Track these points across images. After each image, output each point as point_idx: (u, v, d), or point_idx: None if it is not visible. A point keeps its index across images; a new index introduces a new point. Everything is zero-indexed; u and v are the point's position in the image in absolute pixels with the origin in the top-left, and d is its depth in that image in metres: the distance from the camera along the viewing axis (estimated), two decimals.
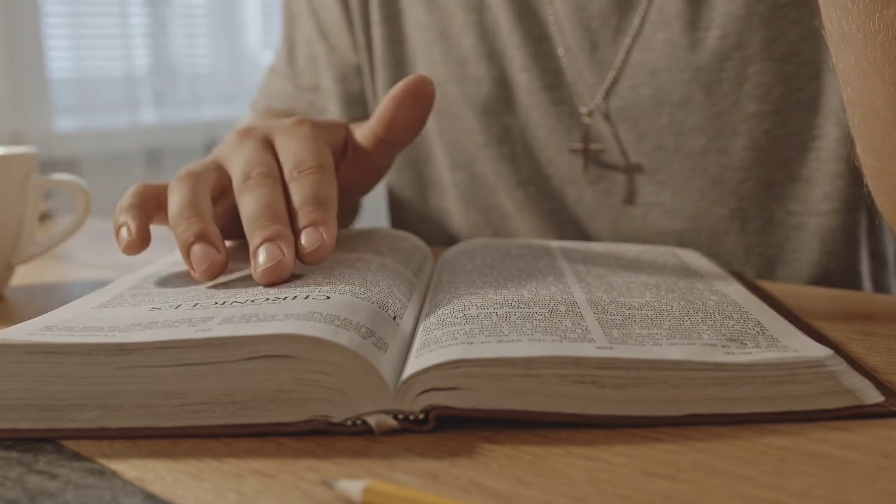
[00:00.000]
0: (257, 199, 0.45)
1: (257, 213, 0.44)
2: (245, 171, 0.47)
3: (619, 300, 0.41)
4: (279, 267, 0.42)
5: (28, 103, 1.80)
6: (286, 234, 0.43)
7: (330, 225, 0.44)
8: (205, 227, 0.44)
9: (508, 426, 0.33)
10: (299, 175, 0.46)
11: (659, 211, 0.64)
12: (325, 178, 0.47)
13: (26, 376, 0.34)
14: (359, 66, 0.77)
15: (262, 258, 0.42)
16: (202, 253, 0.43)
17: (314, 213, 0.44)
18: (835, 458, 0.30)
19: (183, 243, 0.44)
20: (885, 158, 0.41)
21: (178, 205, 0.46)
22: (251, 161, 0.47)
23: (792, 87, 0.59)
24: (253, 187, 0.46)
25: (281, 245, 0.43)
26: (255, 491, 0.29)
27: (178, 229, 0.45)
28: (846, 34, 0.40)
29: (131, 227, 0.46)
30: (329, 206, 0.45)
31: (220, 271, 0.44)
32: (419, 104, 0.51)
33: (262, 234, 0.43)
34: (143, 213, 0.47)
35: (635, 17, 0.63)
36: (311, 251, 0.43)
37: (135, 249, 0.46)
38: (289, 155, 0.48)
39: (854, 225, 0.60)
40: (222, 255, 0.44)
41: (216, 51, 2.19)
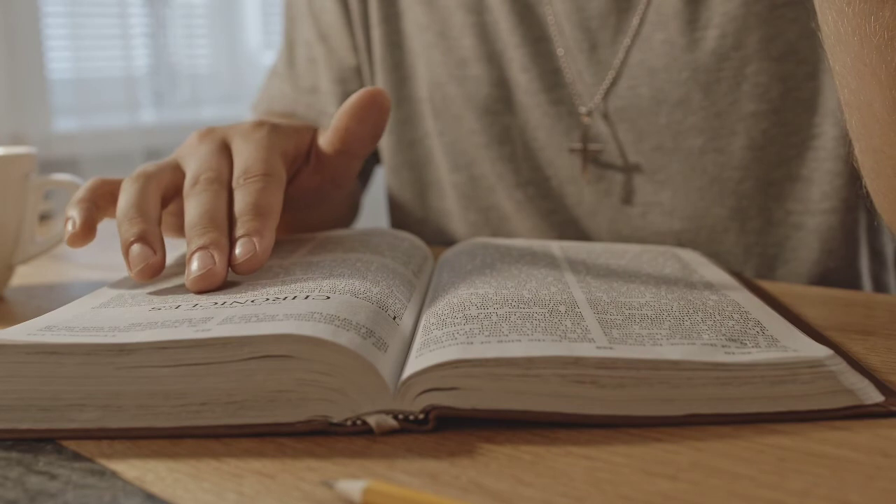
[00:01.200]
0: (199, 206, 0.46)
1: (197, 219, 0.45)
2: (195, 175, 0.48)
3: (619, 300, 0.41)
4: (209, 275, 0.42)
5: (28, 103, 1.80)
6: (221, 243, 0.44)
7: (265, 235, 0.45)
8: (145, 229, 0.45)
9: (508, 426, 0.33)
10: (244, 182, 0.47)
11: (658, 211, 0.64)
12: (269, 187, 0.47)
13: (26, 376, 0.34)
14: (358, 67, 0.76)
15: (194, 265, 0.43)
16: (139, 253, 0.44)
17: (251, 222, 0.45)
18: (835, 458, 0.30)
19: (123, 242, 0.45)
20: (883, 160, 0.41)
21: (124, 205, 0.47)
22: (202, 165, 0.48)
23: (790, 86, 0.59)
24: (198, 192, 0.46)
25: (214, 253, 0.43)
26: (255, 491, 0.29)
27: (121, 228, 0.46)
28: (842, 37, 0.40)
29: (76, 221, 0.47)
30: (268, 215, 0.46)
31: (155, 272, 0.44)
32: (371, 117, 0.52)
33: (198, 241, 0.44)
34: (92, 207, 0.48)
35: (634, 18, 0.63)
36: (242, 261, 0.44)
37: (77, 242, 0.47)
38: (239, 160, 0.49)
39: (853, 223, 0.60)
40: (158, 257, 0.45)
41: (216, 51, 2.19)
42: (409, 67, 0.73)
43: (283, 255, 0.50)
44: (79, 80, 1.93)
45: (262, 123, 0.51)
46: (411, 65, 0.73)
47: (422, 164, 0.75)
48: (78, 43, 1.94)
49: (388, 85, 0.74)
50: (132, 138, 1.95)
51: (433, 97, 0.72)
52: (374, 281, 0.43)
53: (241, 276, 0.45)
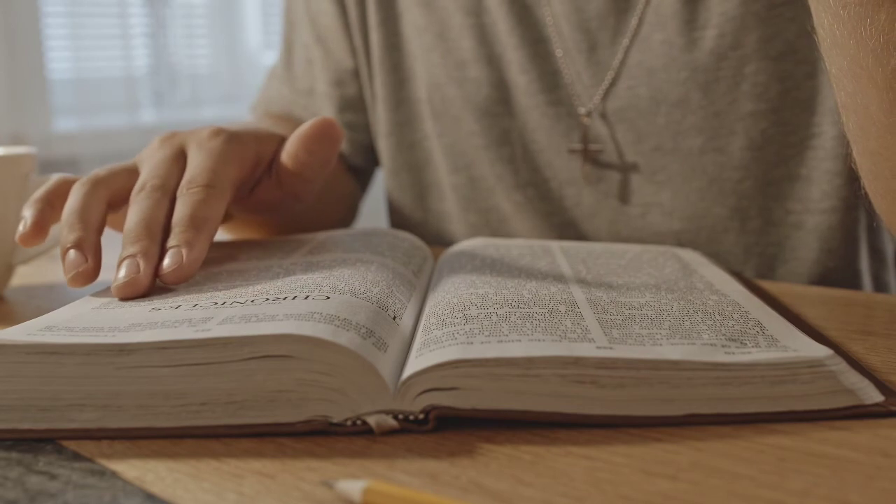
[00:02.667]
0: (138, 213, 0.46)
1: (132, 226, 0.46)
2: (143, 182, 0.48)
3: (619, 300, 0.41)
4: (132, 283, 0.43)
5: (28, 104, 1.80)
6: (150, 252, 0.44)
7: (195, 247, 0.45)
8: (81, 237, 0.46)
9: (508, 426, 0.33)
10: (186, 192, 0.47)
11: (657, 211, 0.64)
12: (210, 199, 0.47)
13: (26, 376, 0.34)
14: (356, 70, 0.76)
15: (120, 273, 0.44)
16: (71, 260, 0.45)
17: (183, 233, 0.45)
18: (835, 458, 0.30)
19: (62, 248, 0.46)
20: (881, 162, 0.41)
21: (67, 210, 0.47)
22: (152, 171, 0.49)
23: (789, 85, 0.59)
24: (141, 200, 0.47)
25: (140, 262, 0.44)
26: (255, 491, 0.29)
27: (61, 233, 0.46)
28: (838, 40, 0.40)
29: (27, 221, 0.48)
30: (202, 227, 0.46)
31: (87, 280, 0.45)
32: (320, 149, 0.52)
33: (128, 249, 0.45)
34: (46, 208, 0.48)
35: (633, 18, 0.63)
36: (167, 272, 0.44)
37: (27, 242, 0.48)
38: (189, 169, 0.49)
39: (853, 223, 0.60)
40: (90, 265, 0.45)
41: (216, 51, 2.19)
42: (408, 69, 0.73)
43: (283, 255, 0.50)
44: (79, 80, 1.93)
45: (221, 131, 0.51)
46: (410, 67, 0.73)
47: (421, 166, 0.75)
48: (78, 43, 1.94)
49: (387, 87, 0.74)
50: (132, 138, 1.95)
51: (432, 99, 0.72)
52: (374, 281, 0.43)
53: (240, 276, 0.45)
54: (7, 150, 0.58)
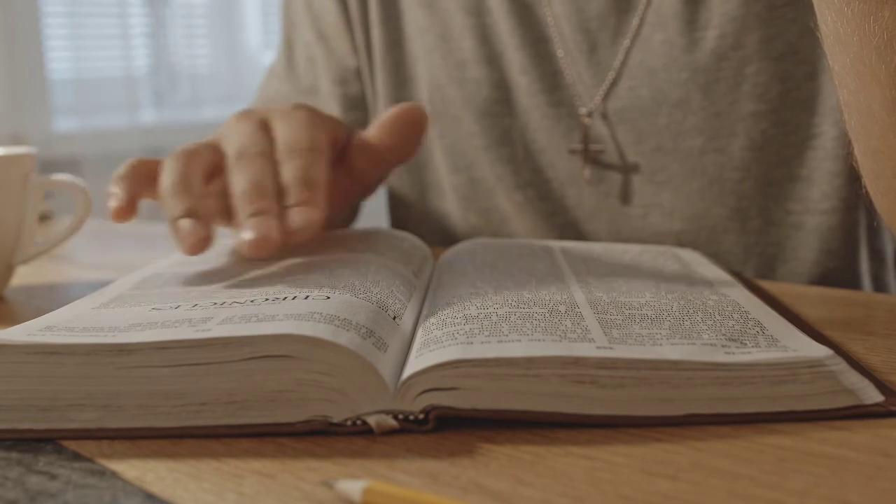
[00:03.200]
0: (247, 177, 0.46)
1: (246, 189, 0.45)
2: (238, 150, 0.48)
3: (619, 300, 0.41)
4: (265, 241, 0.43)
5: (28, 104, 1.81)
6: (274, 211, 0.44)
7: (317, 205, 0.45)
8: (193, 203, 0.45)
9: (508, 426, 0.33)
10: (290, 155, 0.47)
11: (658, 212, 0.64)
12: (316, 161, 0.47)
13: (26, 377, 0.34)
14: (358, 68, 0.76)
15: (248, 232, 0.43)
16: (188, 228, 0.44)
17: (302, 192, 0.45)
18: (835, 458, 0.30)
19: (171, 218, 0.45)
20: (883, 161, 0.41)
21: (169, 181, 0.46)
22: (245, 140, 0.48)
23: (790, 86, 0.59)
24: (244, 165, 0.46)
25: (268, 219, 0.43)
26: (255, 491, 0.29)
27: (167, 204, 0.46)
28: (841, 37, 0.40)
29: (121, 196, 0.47)
30: (318, 187, 0.46)
31: (205, 247, 0.44)
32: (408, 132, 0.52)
33: (250, 208, 0.44)
34: (134, 184, 0.48)
35: (634, 19, 0.63)
36: (296, 229, 0.44)
37: (123, 216, 0.47)
38: (282, 136, 0.48)
39: (853, 223, 0.60)
40: (207, 231, 0.44)
41: (216, 51, 2.19)
42: (409, 69, 0.73)
43: (283, 255, 0.50)
44: (79, 80, 1.93)
45: (301, 105, 0.51)
46: (411, 66, 0.73)
47: (421, 166, 0.75)
48: (78, 43, 1.94)
49: (388, 86, 0.74)
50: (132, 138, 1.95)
51: (433, 99, 0.72)
52: (374, 281, 0.43)
53: (240, 275, 0.45)
54: (7, 150, 0.58)
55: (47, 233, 0.62)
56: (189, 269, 0.49)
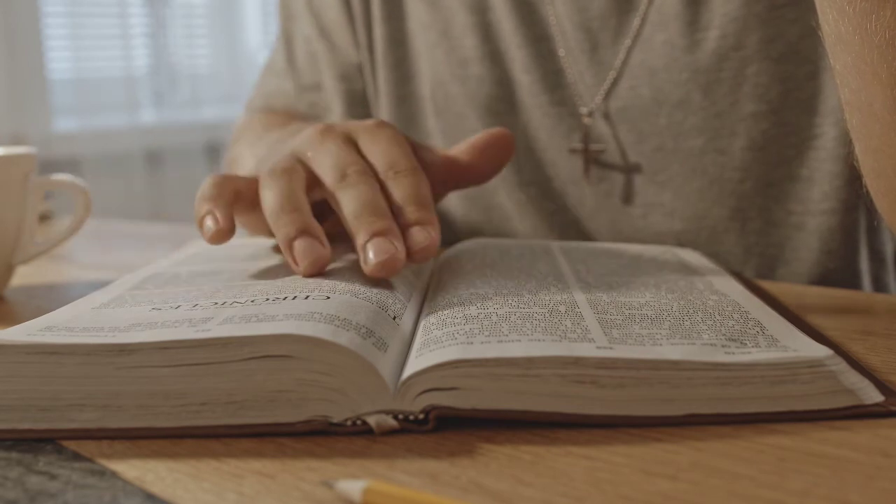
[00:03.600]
0: (359, 196, 0.45)
1: (361, 209, 0.44)
2: (340, 169, 0.47)
3: (619, 300, 0.41)
4: (392, 261, 0.42)
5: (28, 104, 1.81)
6: (394, 230, 0.44)
7: (435, 224, 0.45)
8: (307, 222, 0.44)
9: (508, 426, 0.33)
10: (396, 175, 0.46)
11: (659, 212, 0.64)
12: (423, 180, 0.47)
13: (26, 377, 0.34)
14: (360, 64, 0.76)
15: (372, 253, 0.42)
16: (306, 247, 0.44)
17: (418, 212, 0.45)
18: (835, 458, 0.30)
19: (285, 237, 0.44)
20: (883, 160, 0.41)
21: (275, 200, 0.45)
22: (344, 159, 0.47)
23: (790, 86, 0.59)
24: (352, 185, 0.46)
25: (392, 240, 0.43)
26: (255, 491, 0.29)
27: (279, 223, 0.44)
28: (843, 36, 0.40)
29: (218, 216, 0.46)
30: (430, 206, 0.46)
31: (324, 265, 0.44)
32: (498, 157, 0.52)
33: (370, 228, 0.43)
34: (227, 203, 0.47)
35: (635, 19, 0.63)
36: (420, 248, 0.43)
37: (223, 238, 0.45)
38: (378, 155, 0.48)
39: (853, 224, 0.60)
40: (327, 250, 0.44)
41: (216, 51, 2.19)
42: (412, 66, 0.73)
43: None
44: (79, 80, 1.93)
45: (385, 123, 0.50)
46: (413, 63, 0.73)
47: None
48: (78, 43, 1.94)
49: (390, 83, 0.74)
50: (132, 138, 1.95)
51: (435, 96, 0.72)
52: (373, 281, 0.43)
53: (239, 276, 0.45)
54: (7, 150, 0.58)
55: (47, 233, 0.62)
56: (189, 269, 0.49)
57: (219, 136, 2.05)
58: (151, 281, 0.46)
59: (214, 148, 2.09)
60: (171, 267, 0.49)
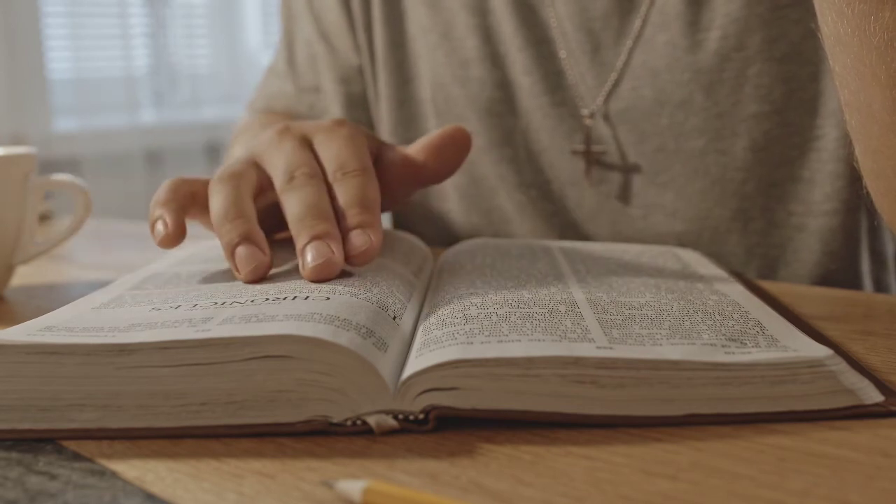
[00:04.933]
0: (303, 199, 0.45)
1: (304, 212, 0.44)
2: (289, 171, 0.47)
3: (619, 300, 0.41)
4: (328, 265, 0.42)
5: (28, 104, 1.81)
6: (334, 233, 0.44)
7: (377, 228, 0.45)
8: (250, 229, 0.45)
9: (508, 426, 0.33)
10: (343, 176, 0.46)
11: (660, 213, 0.64)
12: (370, 181, 0.47)
13: (26, 377, 0.34)
14: (360, 67, 0.76)
15: (310, 256, 0.43)
16: (247, 254, 0.44)
17: (361, 215, 0.45)
18: (835, 458, 0.30)
19: (227, 244, 0.44)
20: (883, 161, 0.41)
21: (221, 206, 0.45)
22: (294, 161, 0.47)
23: (792, 87, 0.59)
24: (298, 187, 0.46)
25: (329, 243, 0.43)
26: (255, 491, 0.29)
27: (222, 230, 0.45)
28: (842, 37, 0.40)
29: (167, 221, 0.46)
30: (374, 208, 0.45)
31: (265, 272, 0.44)
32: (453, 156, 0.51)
33: (310, 232, 0.43)
34: (179, 208, 0.47)
35: (636, 19, 0.63)
36: (359, 252, 0.44)
37: (171, 243, 0.46)
38: (330, 156, 0.48)
39: (855, 225, 0.60)
40: (267, 257, 0.44)
41: (216, 51, 2.19)
42: (412, 68, 0.73)
43: (284, 256, 0.50)
44: (79, 80, 1.93)
45: (343, 122, 0.50)
46: (414, 66, 0.73)
47: None
48: (78, 43, 1.94)
49: (390, 85, 0.74)
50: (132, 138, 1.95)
51: (436, 98, 0.72)
52: (373, 281, 0.43)
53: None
54: (7, 150, 0.58)
55: (47, 233, 0.62)
56: (189, 269, 0.49)
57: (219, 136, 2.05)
58: (151, 281, 0.46)
59: (214, 148, 2.09)
60: (170, 267, 0.49)
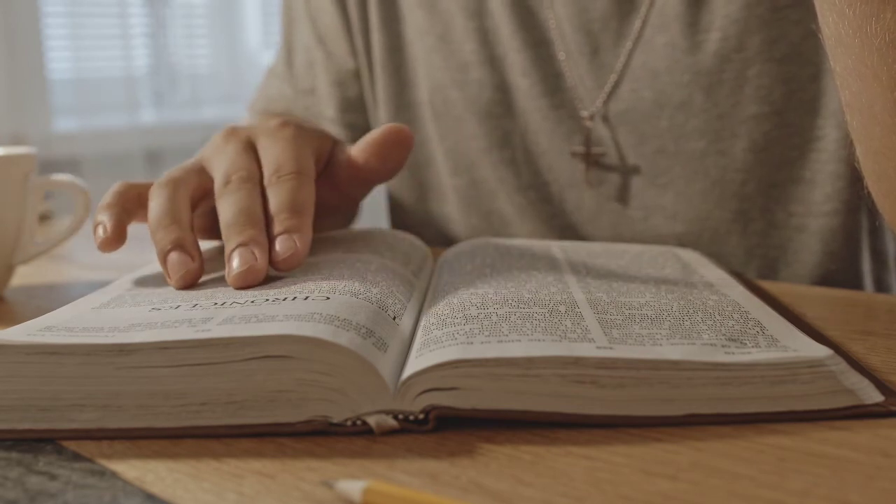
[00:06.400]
0: (234, 204, 0.45)
1: (234, 218, 0.45)
2: (226, 175, 0.47)
3: (619, 300, 0.41)
4: (251, 271, 0.43)
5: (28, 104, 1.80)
6: (260, 240, 0.44)
7: (304, 232, 0.45)
8: (181, 236, 0.45)
9: (508, 426, 0.33)
10: (278, 180, 0.47)
11: (660, 214, 0.64)
12: (303, 184, 0.47)
13: (26, 377, 0.34)
14: (357, 70, 0.76)
15: (235, 262, 0.43)
16: (178, 261, 0.44)
17: (289, 219, 0.45)
18: (835, 458, 0.30)
19: (160, 251, 0.45)
20: (884, 162, 0.41)
21: (156, 212, 0.46)
22: (232, 164, 0.48)
23: (793, 88, 0.59)
24: (231, 192, 0.46)
25: (254, 250, 0.43)
26: (255, 491, 0.29)
27: (155, 236, 0.46)
28: (843, 38, 0.40)
29: (107, 226, 0.47)
30: (304, 212, 0.46)
31: (195, 279, 0.44)
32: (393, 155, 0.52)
33: (237, 238, 0.44)
34: (122, 212, 0.48)
35: (636, 21, 0.63)
36: (284, 258, 0.44)
37: (109, 247, 0.47)
38: (269, 158, 0.48)
39: (855, 226, 0.60)
40: (197, 264, 0.44)
41: (216, 51, 2.19)
42: (410, 71, 0.73)
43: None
44: (79, 80, 1.93)
45: (288, 123, 0.51)
46: (412, 69, 0.73)
47: (422, 168, 0.75)
48: (78, 43, 1.94)
49: (389, 89, 0.74)
50: (132, 138, 1.95)
51: (434, 101, 0.72)
52: (373, 281, 0.43)
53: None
54: (7, 150, 0.58)
55: (47, 233, 0.62)
56: None
57: None
58: (151, 281, 0.46)
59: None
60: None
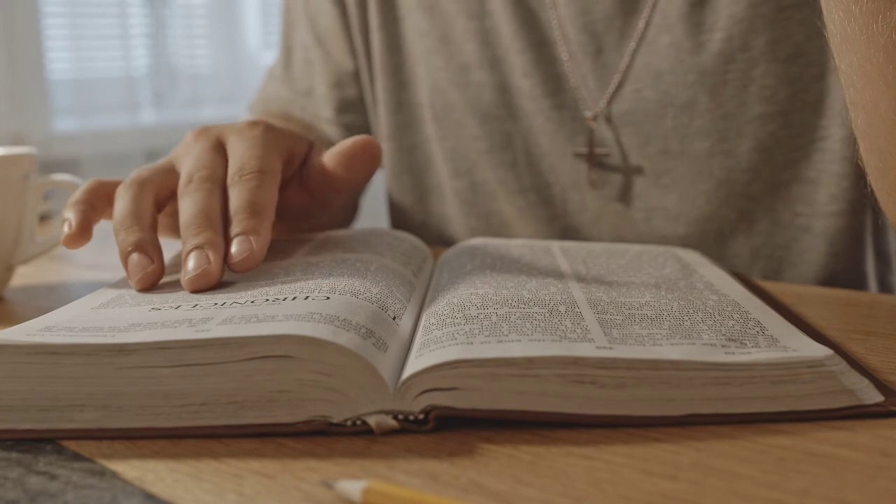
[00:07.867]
0: (193, 205, 0.46)
1: (191, 218, 0.45)
2: (189, 174, 0.48)
3: (619, 300, 0.41)
4: (204, 275, 0.43)
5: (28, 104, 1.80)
6: (216, 242, 0.44)
7: (261, 233, 0.45)
8: (142, 237, 0.45)
9: (508, 426, 0.33)
10: (239, 180, 0.47)
11: (662, 215, 0.64)
12: (264, 185, 0.47)
13: (26, 377, 0.34)
14: (356, 72, 0.76)
15: (189, 265, 0.43)
16: (137, 262, 0.45)
17: (246, 220, 0.45)
18: (835, 458, 0.30)
19: (121, 252, 0.45)
20: (888, 159, 0.41)
21: (119, 213, 0.47)
22: (196, 164, 0.48)
23: (797, 88, 0.59)
24: (192, 192, 0.46)
25: (209, 252, 0.43)
26: (255, 491, 0.29)
27: (118, 237, 0.46)
28: (849, 36, 0.40)
29: (72, 222, 0.47)
30: (263, 213, 0.46)
31: (154, 281, 0.44)
32: (360, 167, 0.52)
33: (193, 241, 0.44)
34: (88, 209, 0.48)
35: (639, 21, 0.63)
36: (238, 260, 0.44)
37: (74, 243, 0.47)
38: (234, 158, 0.48)
39: (859, 226, 0.60)
40: (156, 266, 0.45)
41: (216, 51, 2.19)
42: (409, 72, 0.73)
43: (283, 256, 0.50)
44: (79, 80, 1.93)
45: (258, 123, 0.51)
46: (411, 70, 0.73)
47: (422, 170, 0.75)
48: (78, 43, 1.94)
49: (388, 90, 0.74)
50: (132, 138, 1.95)
51: (434, 103, 0.72)
52: (373, 281, 0.43)
53: (239, 276, 0.45)
54: (7, 150, 0.58)
55: (47, 233, 0.62)
56: None
57: None
58: None
59: None
60: (169, 268, 0.49)
